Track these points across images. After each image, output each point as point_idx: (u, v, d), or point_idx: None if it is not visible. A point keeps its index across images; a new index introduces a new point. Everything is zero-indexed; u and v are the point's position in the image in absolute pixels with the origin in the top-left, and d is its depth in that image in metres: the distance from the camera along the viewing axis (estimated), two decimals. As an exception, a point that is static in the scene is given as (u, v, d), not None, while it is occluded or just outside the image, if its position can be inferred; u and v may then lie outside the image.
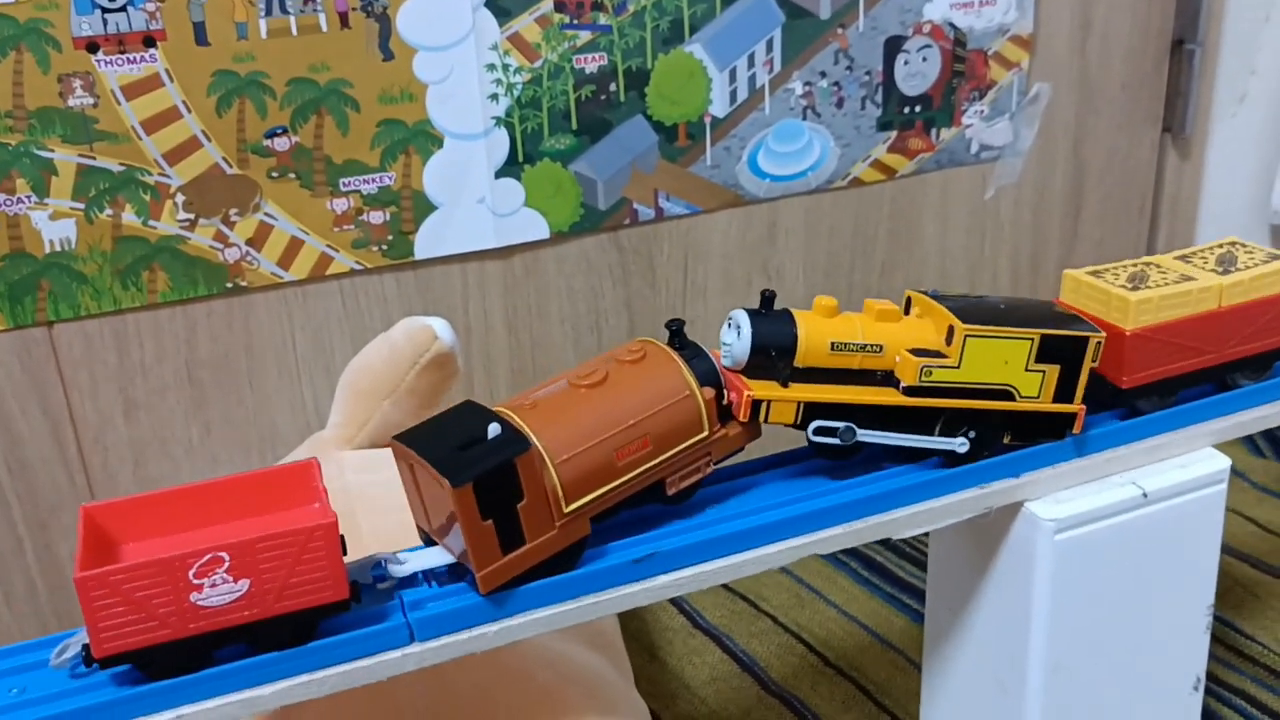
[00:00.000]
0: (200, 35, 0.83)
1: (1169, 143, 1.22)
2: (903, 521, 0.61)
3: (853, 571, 1.05)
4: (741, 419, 0.58)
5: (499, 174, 0.95)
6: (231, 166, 0.87)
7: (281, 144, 0.88)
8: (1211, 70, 1.20)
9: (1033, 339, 0.61)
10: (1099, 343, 0.63)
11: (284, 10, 0.85)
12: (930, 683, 0.76)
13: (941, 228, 1.13)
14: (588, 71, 0.95)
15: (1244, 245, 0.73)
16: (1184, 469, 0.67)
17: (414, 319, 0.79)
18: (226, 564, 0.49)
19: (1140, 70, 1.17)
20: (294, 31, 0.86)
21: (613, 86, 0.96)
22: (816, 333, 0.59)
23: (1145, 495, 0.65)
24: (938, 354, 0.61)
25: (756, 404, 0.58)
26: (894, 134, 1.07)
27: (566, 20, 0.93)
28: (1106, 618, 0.67)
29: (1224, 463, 0.68)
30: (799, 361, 0.59)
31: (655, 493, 0.57)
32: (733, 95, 1.00)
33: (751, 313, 0.59)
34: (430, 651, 0.53)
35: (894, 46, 1.04)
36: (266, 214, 0.89)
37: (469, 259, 0.97)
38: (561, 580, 0.55)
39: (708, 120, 1.00)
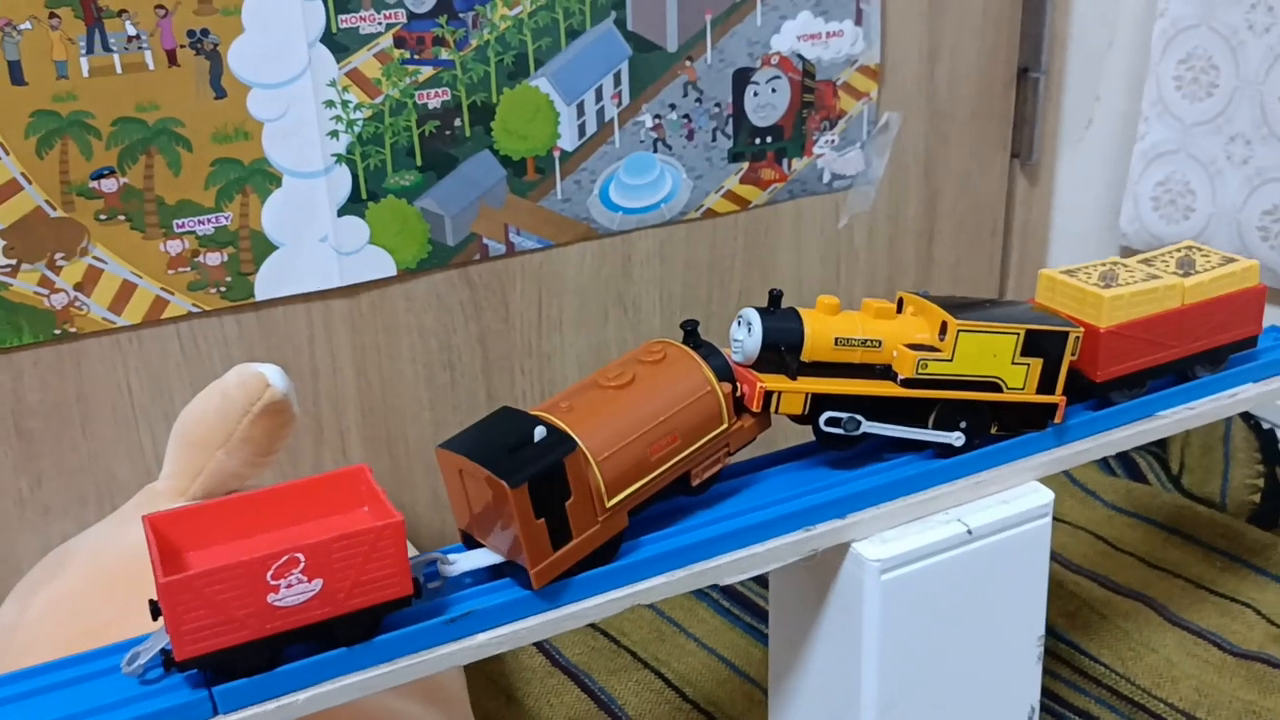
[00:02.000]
0: (16, 74, 0.80)
1: (1018, 168, 1.25)
2: (727, 568, 0.61)
3: (714, 602, 1.05)
4: (755, 409, 0.62)
5: (341, 212, 0.93)
6: (56, 209, 0.84)
7: (109, 185, 0.85)
8: (1057, 97, 1.23)
9: (1019, 333, 0.66)
10: (1078, 337, 0.68)
11: (107, 48, 0.82)
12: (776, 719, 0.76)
13: (796, 257, 1.13)
14: (431, 107, 0.93)
15: (1200, 249, 0.78)
16: (1008, 504, 0.68)
17: (246, 366, 0.77)
18: (302, 565, 0.51)
19: (988, 98, 1.19)
20: (119, 70, 0.83)
21: (457, 122, 0.95)
22: (822, 329, 0.64)
23: (970, 532, 0.66)
24: (932, 348, 0.65)
25: (769, 395, 0.62)
26: (746, 165, 1.07)
27: (407, 56, 0.91)
28: (937, 654, 0.68)
29: (1047, 496, 0.69)
30: (805, 356, 0.63)
31: (680, 485, 0.61)
32: (581, 129, 1.00)
33: (762, 311, 0.63)
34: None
35: (743, 78, 1.05)
36: (95, 258, 0.86)
37: (313, 299, 0.94)
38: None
39: (557, 154, 0.99)
